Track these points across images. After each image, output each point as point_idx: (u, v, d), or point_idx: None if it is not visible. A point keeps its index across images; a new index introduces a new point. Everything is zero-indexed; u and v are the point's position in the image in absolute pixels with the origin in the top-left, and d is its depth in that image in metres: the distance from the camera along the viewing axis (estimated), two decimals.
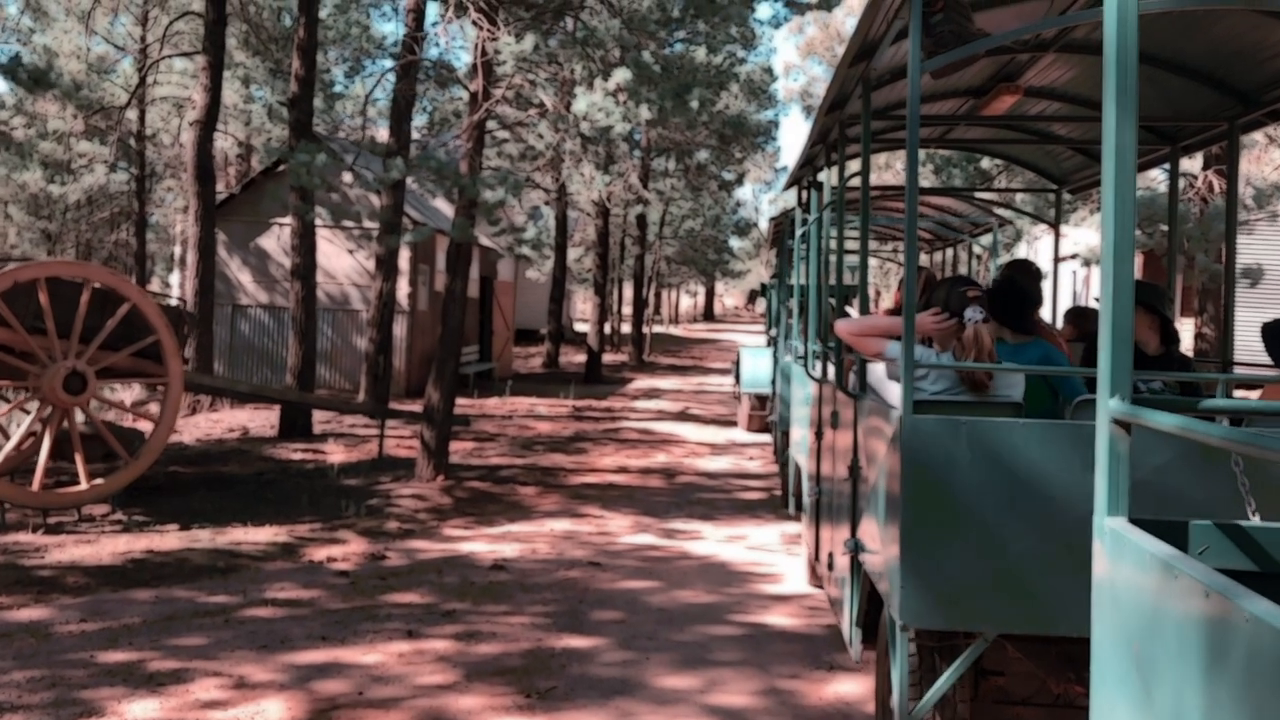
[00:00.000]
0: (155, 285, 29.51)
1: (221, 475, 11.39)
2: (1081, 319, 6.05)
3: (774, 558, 8.53)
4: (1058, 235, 8.26)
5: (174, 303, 13.09)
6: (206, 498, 9.93)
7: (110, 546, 8.05)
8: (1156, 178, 18.15)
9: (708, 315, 72.79)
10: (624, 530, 9.40)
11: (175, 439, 14.39)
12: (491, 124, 19.13)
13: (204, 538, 8.47)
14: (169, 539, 8.39)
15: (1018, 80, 5.80)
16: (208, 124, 17.20)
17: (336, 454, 13.15)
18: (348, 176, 21.23)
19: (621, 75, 9.33)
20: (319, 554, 8.16)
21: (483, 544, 8.69)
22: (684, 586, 7.53)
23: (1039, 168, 8.15)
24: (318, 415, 15.12)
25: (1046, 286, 7.32)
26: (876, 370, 4.78)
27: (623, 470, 12.78)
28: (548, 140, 10.58)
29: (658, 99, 9.52)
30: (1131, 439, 2.00)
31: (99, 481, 9.02)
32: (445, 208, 22.99)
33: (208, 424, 15.88)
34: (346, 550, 8.29)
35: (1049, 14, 4.71)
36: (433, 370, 11.12)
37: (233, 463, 12.30)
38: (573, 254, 33.88)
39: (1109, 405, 1.98)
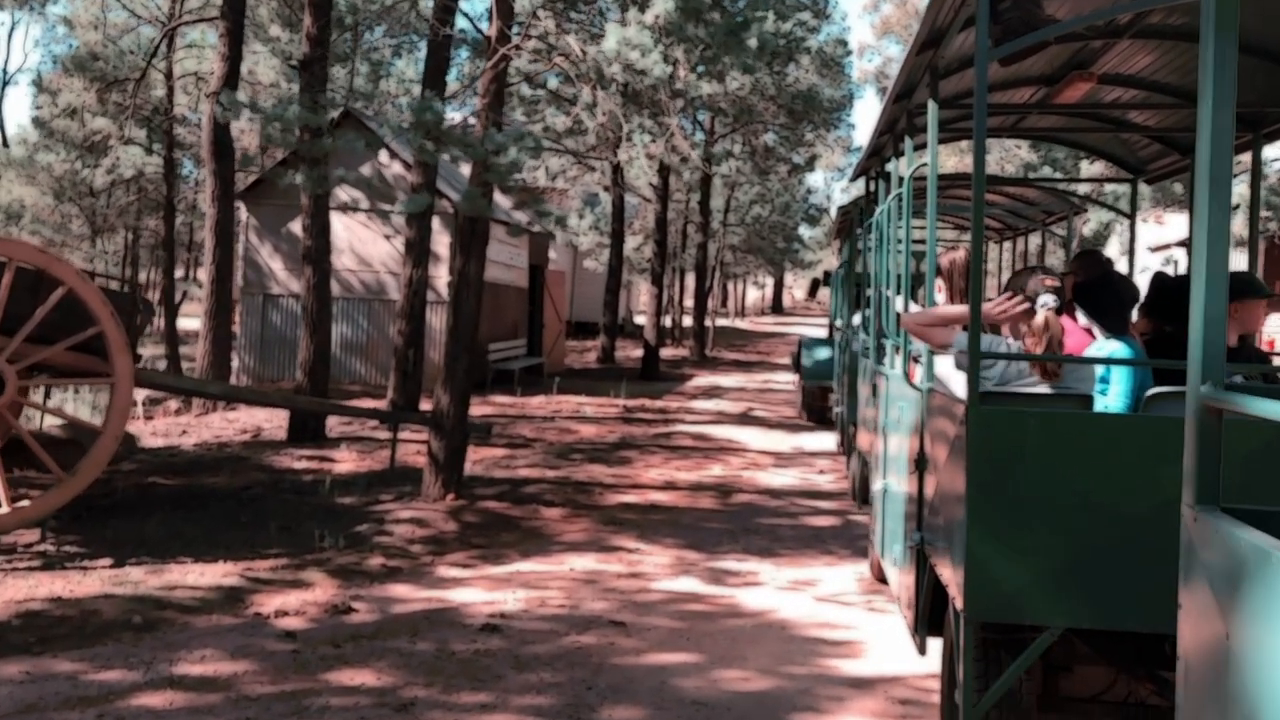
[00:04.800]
0: (202, 274, 28.44)
1: (202, 489, 9.80)
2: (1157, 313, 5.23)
3: (850, 615, 6.63)
4: (1134, 226, 8.07)
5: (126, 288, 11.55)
6: (165, 520, 8.30)
7: (9, 591, 6.42)
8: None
9: (776, 308, 70.19)
10: (661, 571, 7.56)
11: (175, 442, 12.94)
12: (525, 88, 17.38)
13: (134, 579, 6.80)
14: (90, 580, 6.74)
15: (1091, 67, 5.57)
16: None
17: (345, 462, 11.52)
18: (384, 156, 19.84)
19: (662, 5, 7.48)
20: (270, 603, 6.45)
21: (480, 590, 6.91)
22: (730, 662, 5.68)
23: (1115, 157, 7.90)
24: (332, 416, 13.49)
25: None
26: (942, 363, 4.67)
27: (670, 486, 10.93)
28: (584, 101, 8.73)
29: (706, 37, 7.66)
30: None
31: (22, 504, 7.44)
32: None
33: (221, 424, 14.42)
34: (305, 598, 6.57)
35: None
36: (441, 370, 9.38)
37: (223, 473, 10.73)
38: (632, 243, 31.98)
39: (1200, 390, 1.88)
